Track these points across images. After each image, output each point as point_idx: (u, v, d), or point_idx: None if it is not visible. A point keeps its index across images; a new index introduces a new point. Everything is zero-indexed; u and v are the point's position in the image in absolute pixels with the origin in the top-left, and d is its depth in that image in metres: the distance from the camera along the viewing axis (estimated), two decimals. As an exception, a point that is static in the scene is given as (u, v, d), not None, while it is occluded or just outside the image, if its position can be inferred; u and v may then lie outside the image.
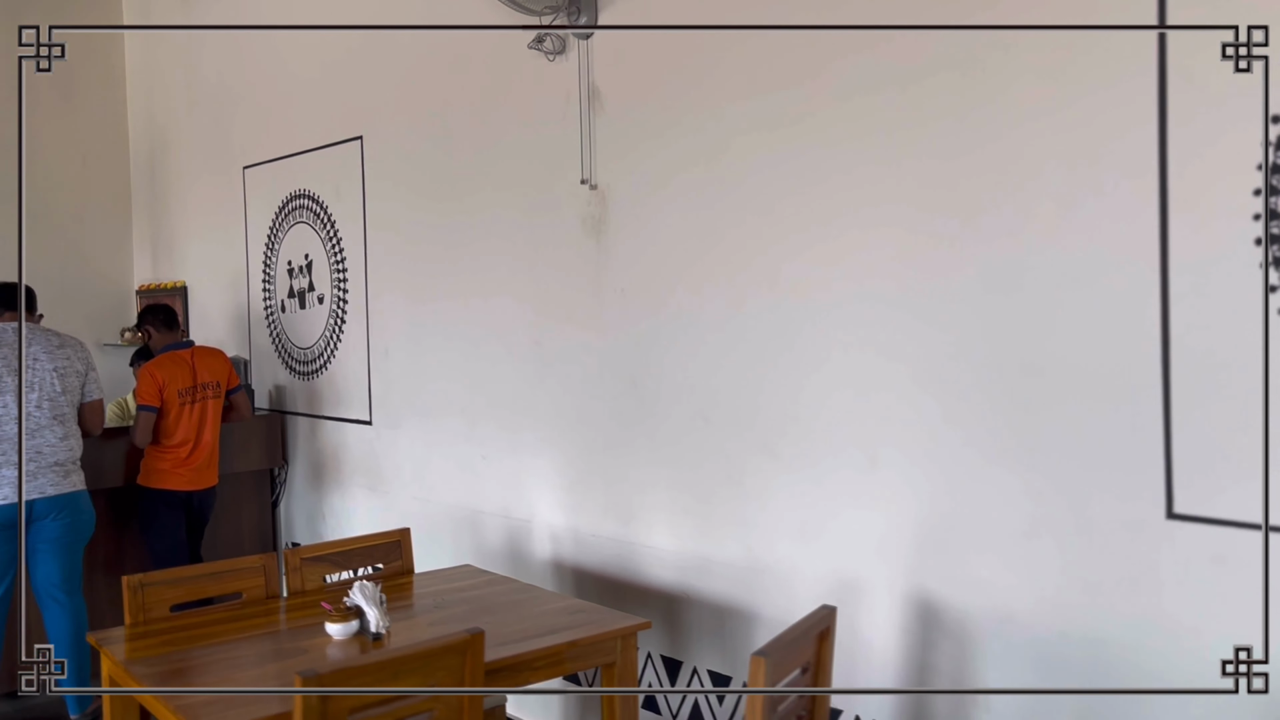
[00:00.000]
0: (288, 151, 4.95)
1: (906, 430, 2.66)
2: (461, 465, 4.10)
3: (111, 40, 6.28)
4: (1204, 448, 2.16)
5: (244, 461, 4.94)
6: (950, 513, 2.58)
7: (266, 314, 5.23)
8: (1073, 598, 2.37)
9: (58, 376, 3.93)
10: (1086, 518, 2.34)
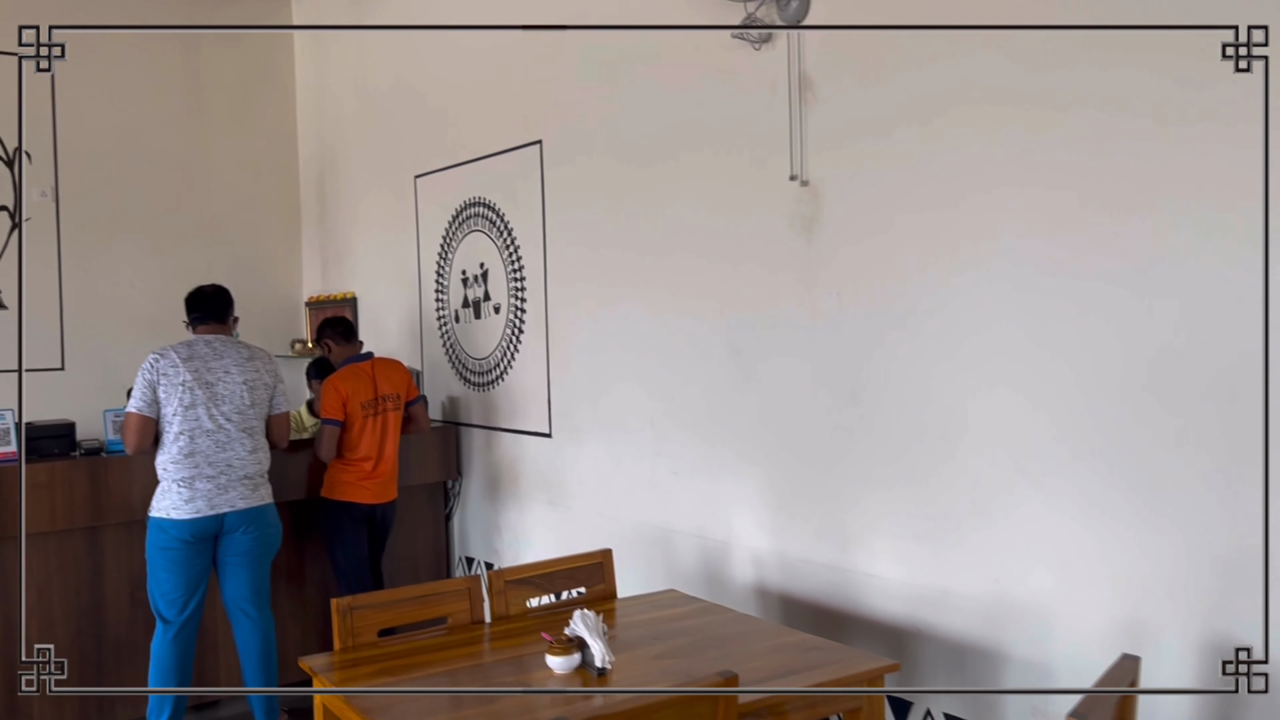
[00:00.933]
0: (461, 159, 4.87)
1: (1200, 447, 2.31)
2: (650, 481, 3.89)
3: (283, 56, 6.37)
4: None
5: (419, 474, 4.87)
6: (1256, 546, 2.22)
7: (440, 324, 5.16)
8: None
9: (247, 389, 3.91)
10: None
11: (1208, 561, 2.31)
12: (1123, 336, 2.44)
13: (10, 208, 5.55)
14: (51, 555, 4.03)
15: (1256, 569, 2.22)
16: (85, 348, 5.74)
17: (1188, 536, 2.34)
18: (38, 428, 4.17)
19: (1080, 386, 2.53)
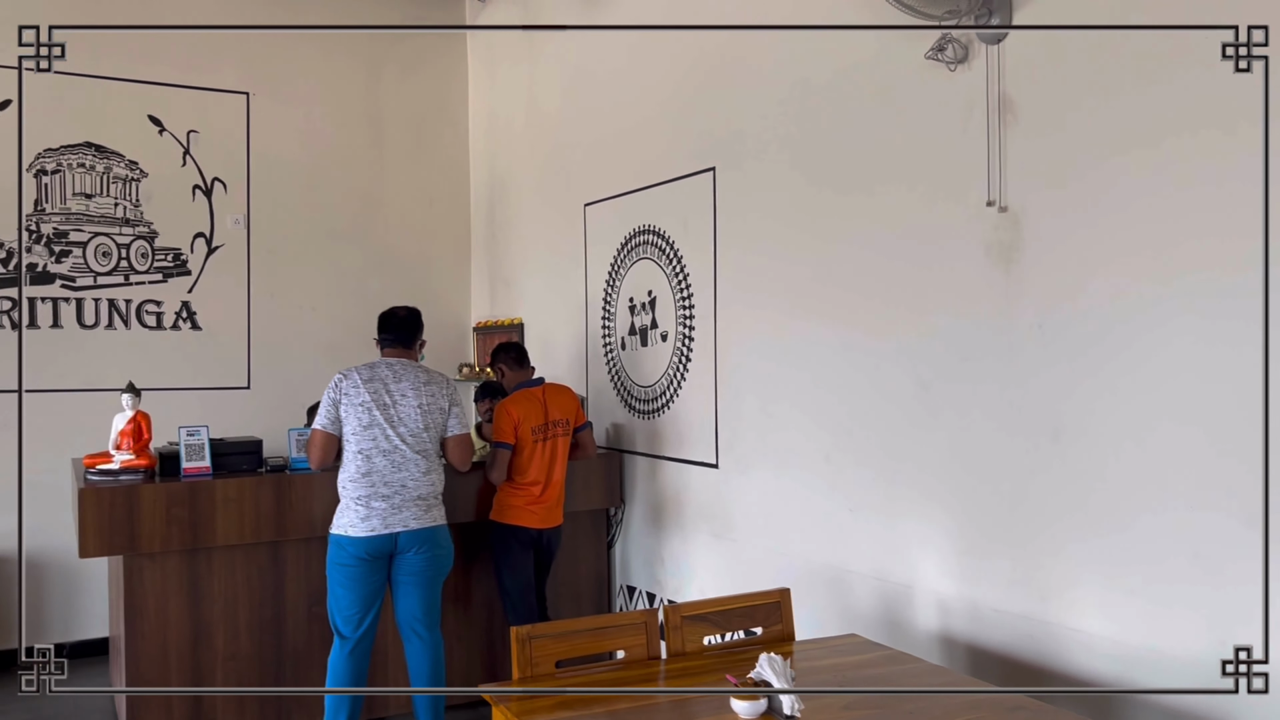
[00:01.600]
0: (631, 187, 4.87)
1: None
2: (824, 517, 3.76)
3: (457, 90, 6.57)
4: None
5: (584, 500, 4.87)
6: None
7: (605, 351, 5.17)
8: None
9: (422, 412, 3.98)
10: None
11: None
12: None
13: (206, 234, 5.88)
14: (239, 567, 4.20)
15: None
16: (269, 368, 6.01)
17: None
18: (228, 444, 4.36)
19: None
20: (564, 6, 5.44)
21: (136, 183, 5.68)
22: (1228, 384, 2.46)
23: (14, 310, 5.38)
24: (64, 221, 5.50)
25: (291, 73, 6.07)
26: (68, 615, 5.48)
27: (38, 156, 5.44)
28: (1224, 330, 2.47)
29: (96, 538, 3.88)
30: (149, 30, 5.71)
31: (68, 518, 5.28)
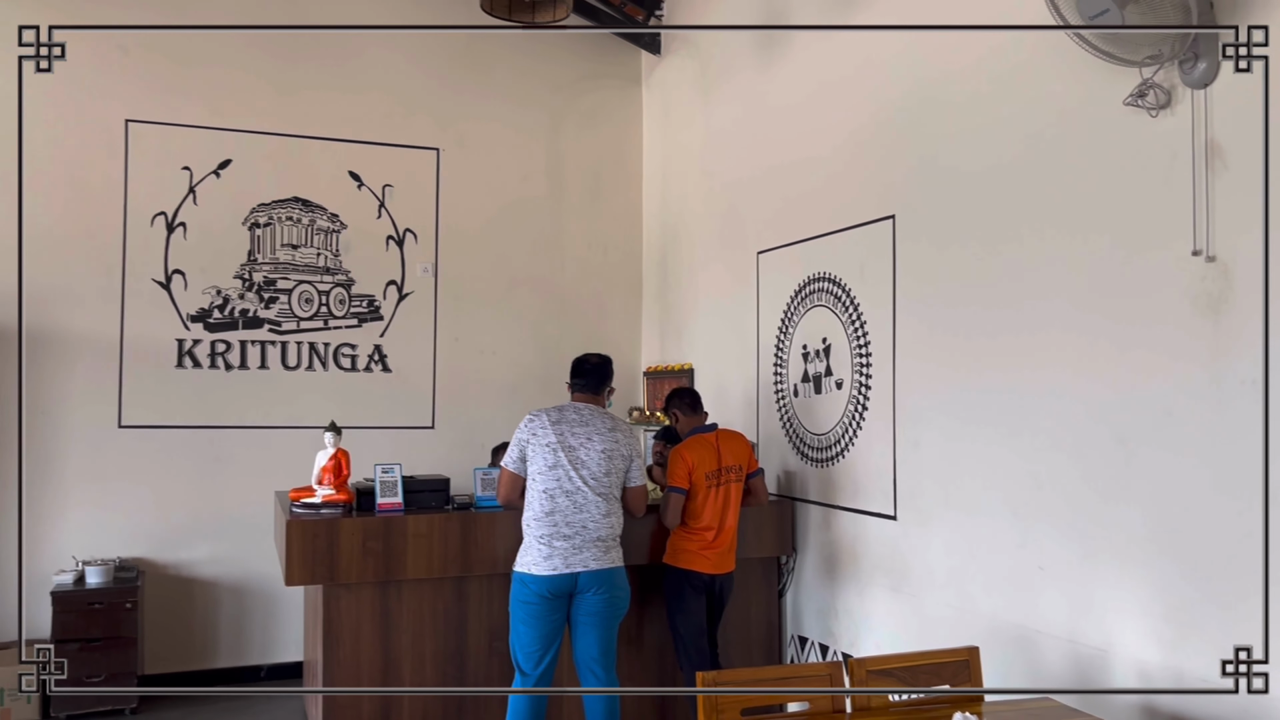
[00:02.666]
0: (807, 235, 4.90)
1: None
2: (1011, 574, 3.64)
3: (632, 141, 6.77)
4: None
5: (755, 547, 4.86)
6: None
7: (777, 397, 5.17)
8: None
9: (605, 457, 4.08)
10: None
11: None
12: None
13: (398, 281, 6.23)
14: (426, 600, 4.39)
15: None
16: (452, 409, 6.30)
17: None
18: (418, 481, 4.58)
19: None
20: (739, 58, 5.55)
21: (337, 234, 6.10)
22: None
23: (229, 352, 5.84)
24: (273, 270, 5.95)
25: (478, 129, 6.40)
26: (266, 639, 5.84)
27: (251, 210, 5.91)
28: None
29: (301, 567, 4.14)
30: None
31: (268, 546, 5.66)
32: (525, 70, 6.49)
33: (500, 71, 6.44)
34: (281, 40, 5.97)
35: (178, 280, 5.75)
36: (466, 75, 6.36)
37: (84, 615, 5.10)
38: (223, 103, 5.84)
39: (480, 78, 6.40)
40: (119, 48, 5.65)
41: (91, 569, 5.21)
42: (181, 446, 5.72)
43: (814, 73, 4.88)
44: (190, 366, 5.77)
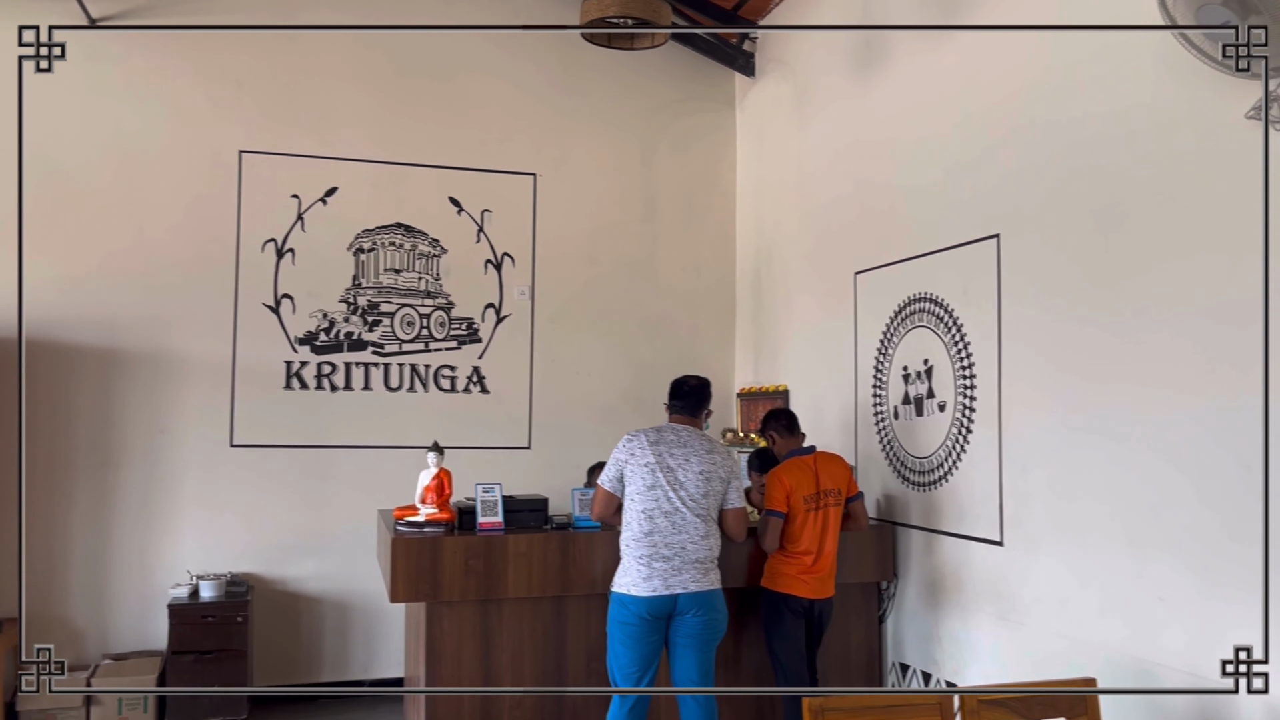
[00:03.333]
0: (907, 254, 4.83)
1: None
2: (1127, 605, 3.51)
3: (726, 162, 6.79)
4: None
5: (855, 572, 4.79)
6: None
7: (876, 420, 5.10)
8: None
9: (703, 479, 4.08)
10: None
11: None
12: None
13: (495, 304, 6.34)
14: (525, 619, 4.43)
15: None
16: (548, 429, 6.36)
17: None
18: (517, 501, 4.64)
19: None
20: (836, 78, 5.52)
21: (437, 258, 6.24)
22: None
23: (334, 374, 6.01)
24: (376, 294, 6.11)
25: (574, 154, 6.50)
26: (368, 655, 5.96)
27: (356, 236, 6.09)
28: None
29: (405, 584, 4.22)
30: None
31: (371, 563, 5.78)
32: (620, 95, 6.57)
33: (596, 97, 6.52)
34: (386, 71, 6.15)
35: (286, 304, 5.95)
36: (563, 101, 6.47)
37: (198, 628, 5.28)
38: (330, 132, 6.05)
39: (576, 103, 6.49)
40: (234, 82, 5.90)
41: (205, 583, 5.40)
42: (289, 465, 5.90)
43: (913, 91, 4.83)
44: (298, 388, 5.95)
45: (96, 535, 5.59)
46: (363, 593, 5.92)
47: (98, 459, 5.62)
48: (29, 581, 5.46)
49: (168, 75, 5.80)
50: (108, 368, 5.64)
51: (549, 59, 6.44)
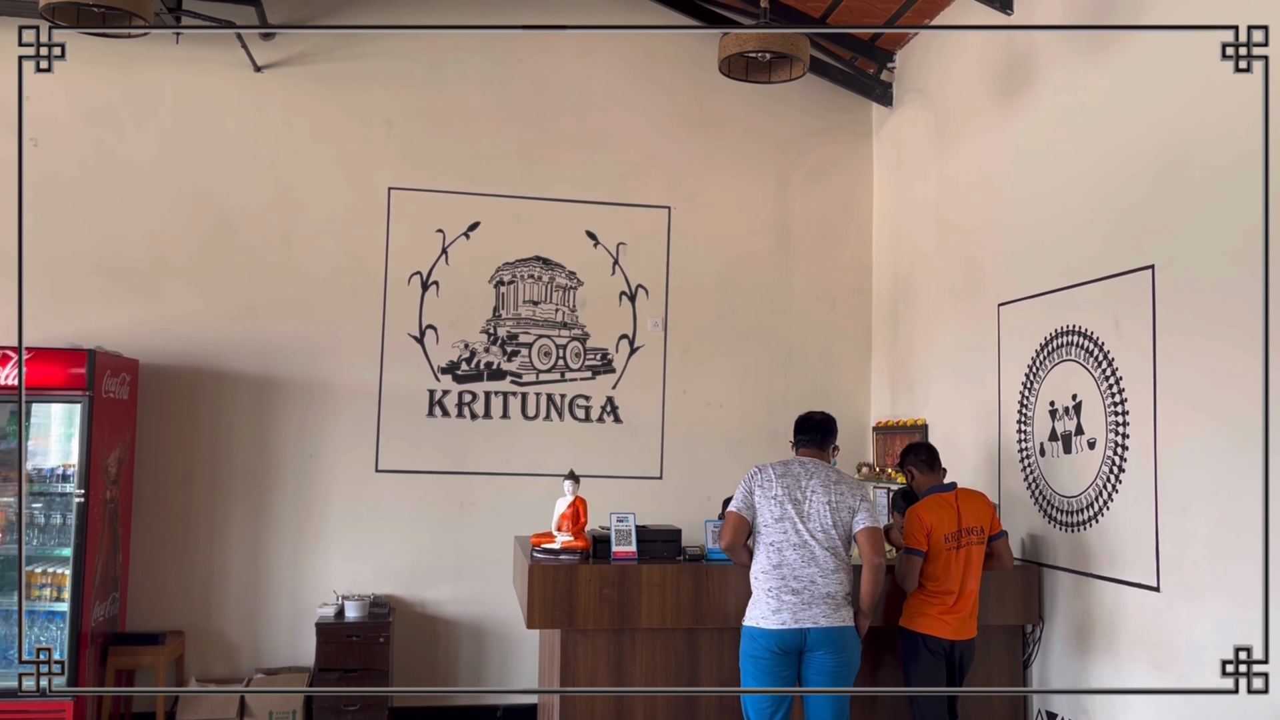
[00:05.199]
0: (1053, 286, 4.67)
1: None
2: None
3: (862, 192, 6.71)
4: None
5: (998, 614, 4.62)
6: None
7: (1021, 457, 4.92)
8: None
9: (830, 510, 4.02)
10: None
11: None
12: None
13: (629, 335, 6.42)
14: (659, 650, 4.43)
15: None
16: (679, 460, 6.38)
17: None
18: (651, 531, 4.66)
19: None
20: (978, 105, 5.41)
21: (574, 290, 6.36)
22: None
23: (474, 402, 6.19)
24: (515, 325, 6.27)
25: (708, 186, 6.54)
26: (502, 679, 6.06)
27: (497, 269, 6.27)
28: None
29: (542, 611, 4.28)
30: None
31: (506, 588, 5.89)
32: (755, 127, 6.59)
33: (730, 129, 6.56)
34: (527, 109, 6.34)
35: (430, 335, 6.17)
36: (698, 135, 6.53)
37: (343, 647, 5.48)
38: (473, 169, 6.26)
39: (711, 137, 6.54)
40: (384, 122, 6.19)
41: (350, 603, 5.61)
42: (430, 491, 6.09)
43: (1060, 119, 4.69)
44: (440, 415, 6.15)
45: (251, 555, 5.88)
46: (499, 617, 6.04)
47: (253, 482, 5.92)
48: (193, 598, 5.79)
49: (324, 117, 6.13)
50: (263, 394, 5.95)
51: (685, 94, 6.52)
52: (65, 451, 5.24)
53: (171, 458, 5.83)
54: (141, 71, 5.93)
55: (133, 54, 5.83)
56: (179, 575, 5.80)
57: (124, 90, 5.93)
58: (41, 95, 5.84)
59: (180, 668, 5.69)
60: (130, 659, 5.36)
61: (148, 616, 5.70)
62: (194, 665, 5.76)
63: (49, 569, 5.10)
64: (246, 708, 5.41)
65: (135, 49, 5.74)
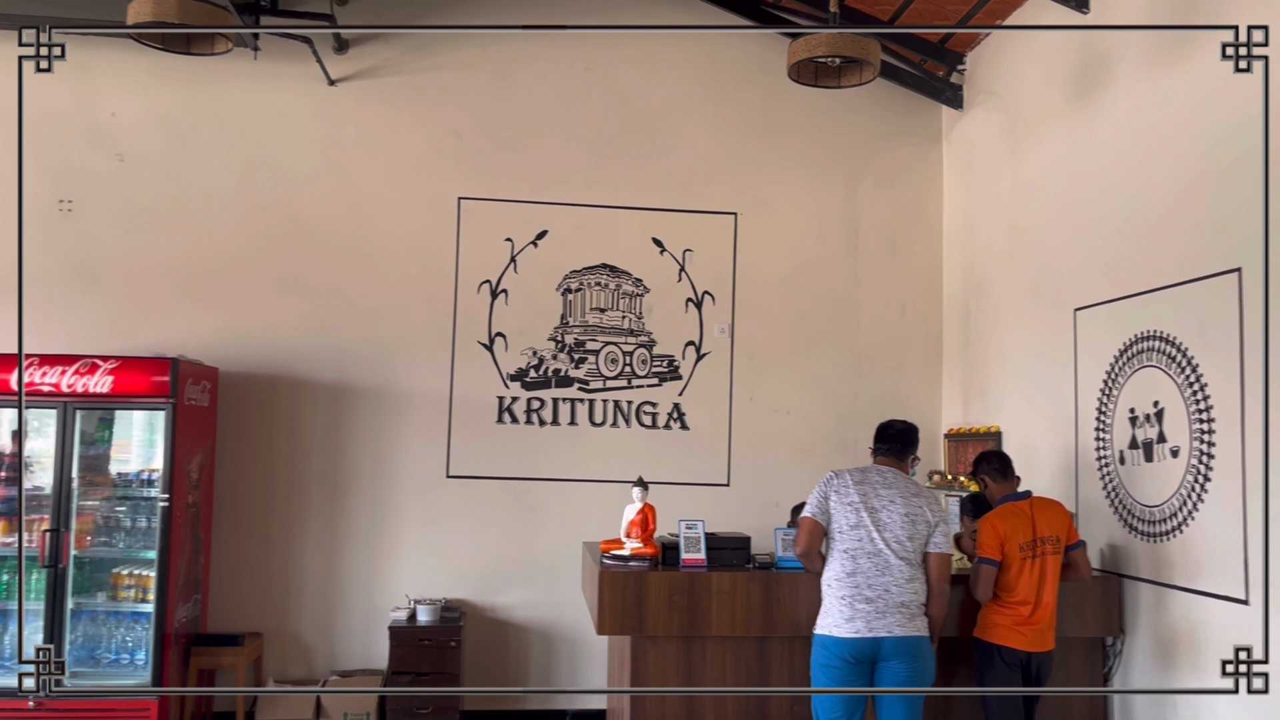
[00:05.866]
0: (1132, 290, 4.56)
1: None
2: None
3: (932, 196, 6.63)
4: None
5: (1076, 626, 4.51)
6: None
7: (1099, 465, 4.81)
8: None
9: (908, 521, 3.98)
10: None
11: None
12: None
13: (696, 342, 6.42)
14: (729, 658, 4.42)
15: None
16: (746, 467, 6.36)
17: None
18: (720, 538, 4.64)
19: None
20: (1053, 106, 5.31)
21: (640, 297, 6.38)
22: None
23: (542, 409, 6.24)
24: (582, 332, 6.31)
25: (775, 192, 6.51)
26: (571, 685, 6.09)
27: (564, 277, 6.32)
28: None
29: (612, 617, 4.30)
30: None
31: (574, 593, 5.92)
32: (821, 132, 6.55)
33: (797, 135, 6.53)
34: (594, 118, 6.38)
35: (499, 342, 6.24)
36: (763, 140, 6.51)
37: (415, 650, 5.56)
38: (541, 178, 6.32)
39: (777, 142, 6.52)
40: (454, 133, 6.28)
41: (422, 607, 5.69)
42: (499, 496, 6.15)
43: (1139, 118, 4.58)
44: (509, 422, 6.21)
45: (326, 558, 6.00)
46: (567, 623, 6.07)
47: (329, 486, 6.04)
48: (270, 601, 5.92)
49: (396, 129, 6.24)
50: (338, 401, 6.07)
51: (750, 100, 6.50)
52: (146, 456, 5.41)
53: (250, 463, 5.97)
54: (220, 88, 6.10)
55: (212, 71, 6.00)
56: (257, 578, 5.94)
57: (204, 106, 6.11)
58: (126, 113, 6.04)
59: (259, 668, 5.83)
60: (211, 659, 5.50)
61: (227, 618, 5.85)
62: (272, 666, 5.89)
63: (135, 571, 5.26)
64: (322, 708, 5.51)
65: (214, 66, 5.91)
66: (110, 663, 5.25)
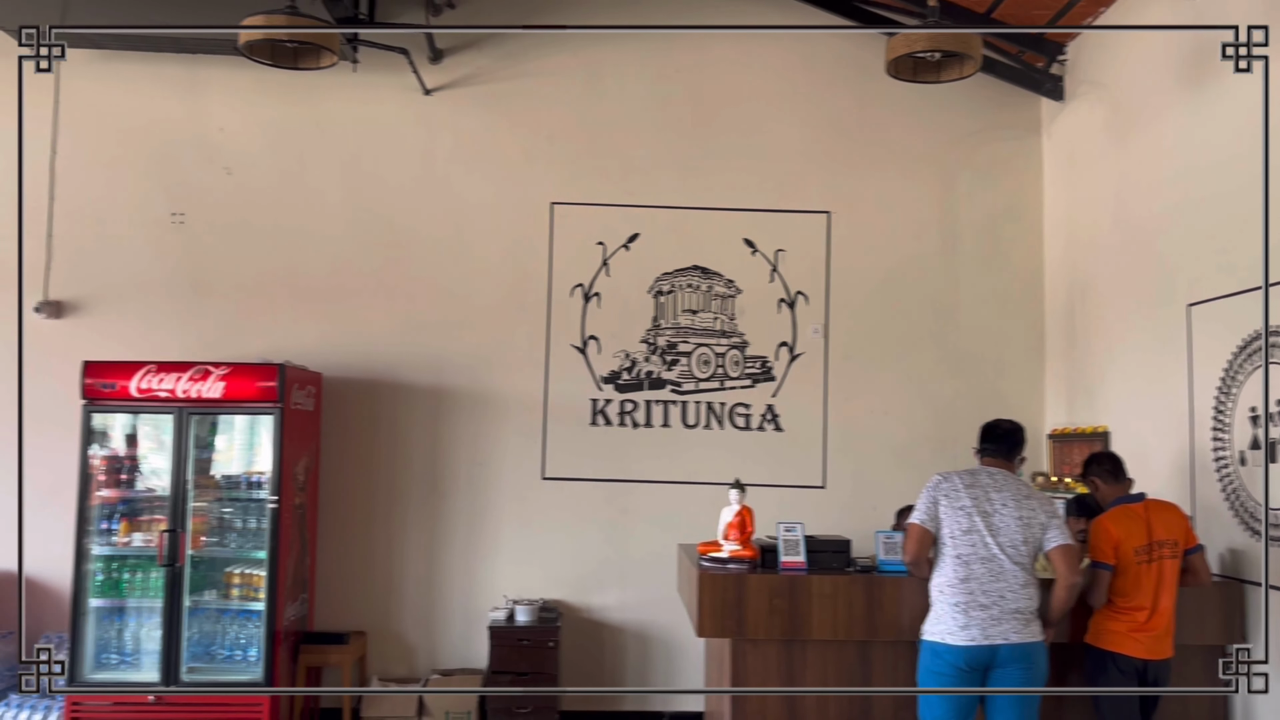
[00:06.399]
0: (1251, 285, 4.37)
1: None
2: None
3: (1032, 192, 6.46)
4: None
5: (1195, 633, 4.33)
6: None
7: (1218, 466, 4.62)
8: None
9: (1021, 525, 3.88)
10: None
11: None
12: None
13: (789, 342, 6.36)
14: (830, 663, 4.36)
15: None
16: (843, 469, 6.28)
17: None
18: (819, 541, 4.59)
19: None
20: (1161, 97, 5.13)
21: (732, 299, 6.36)
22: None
23: (635, 411, 6.26)
24: (674, 335, 6.31)
25: (869, 190, 6.42)
26: (668, 686, 6.09)
27: (656, 279, 6.33)
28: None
29: (712, 620, 4.28)
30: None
31: (670, 595, 5.91)
32: (916, 128, 6.43)
33: (891, 131, 6.43)
34: (684, 120, 6.39)
35: (592, 345, 6.28)
36: (857, 138, 6.42)
37: (514, 650, 5.63)
38: (632, 181, 6.35)
39: (871, 140, 6.43)
40: (547, 138, 6.34)
41: (520, 608, 5.75)
42: (594, 498, 6.19)
43: (1256, 104, 4.38)
44: (602, 424, 6.24)
45: (426, 558, 6.12)
46: (663, 625, 6.07)
47: (428, 488, 6.16)
48: (373, 600, 6.07)
49: (491, 135, 6.33)
50: (437, 405, 6.19)
51: (841, 98, 6.42)
52: (249, 459, 5.59)
53: (353, 465, 6.12)
54: (321, 101, 6.27)
55: (314, 85, 6.17)
56: (361, 578, 6.08)
57: (306, 119, 6.29)
58: (234, 128, 6.26)
59: (363, 666, 5.96)
60: (318, 657, 5.65)
61: (333, 617, 6.00)
62: (375, 664, 6.02)
63: (245, 570, 5.44)
64: (424, 707, 5.62)
65: (316, 80, 6.08)
66: (224, 658, 5.44)
